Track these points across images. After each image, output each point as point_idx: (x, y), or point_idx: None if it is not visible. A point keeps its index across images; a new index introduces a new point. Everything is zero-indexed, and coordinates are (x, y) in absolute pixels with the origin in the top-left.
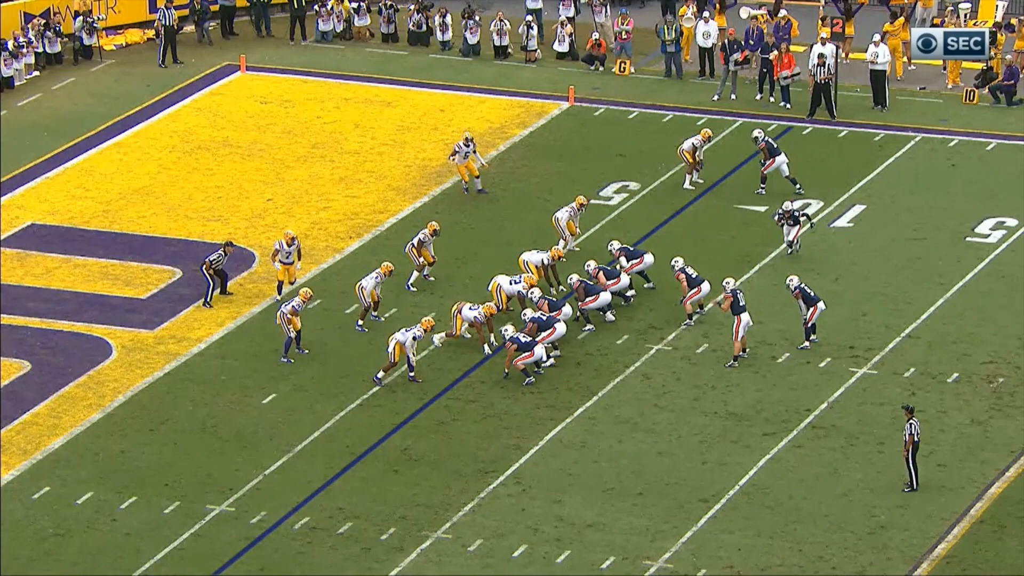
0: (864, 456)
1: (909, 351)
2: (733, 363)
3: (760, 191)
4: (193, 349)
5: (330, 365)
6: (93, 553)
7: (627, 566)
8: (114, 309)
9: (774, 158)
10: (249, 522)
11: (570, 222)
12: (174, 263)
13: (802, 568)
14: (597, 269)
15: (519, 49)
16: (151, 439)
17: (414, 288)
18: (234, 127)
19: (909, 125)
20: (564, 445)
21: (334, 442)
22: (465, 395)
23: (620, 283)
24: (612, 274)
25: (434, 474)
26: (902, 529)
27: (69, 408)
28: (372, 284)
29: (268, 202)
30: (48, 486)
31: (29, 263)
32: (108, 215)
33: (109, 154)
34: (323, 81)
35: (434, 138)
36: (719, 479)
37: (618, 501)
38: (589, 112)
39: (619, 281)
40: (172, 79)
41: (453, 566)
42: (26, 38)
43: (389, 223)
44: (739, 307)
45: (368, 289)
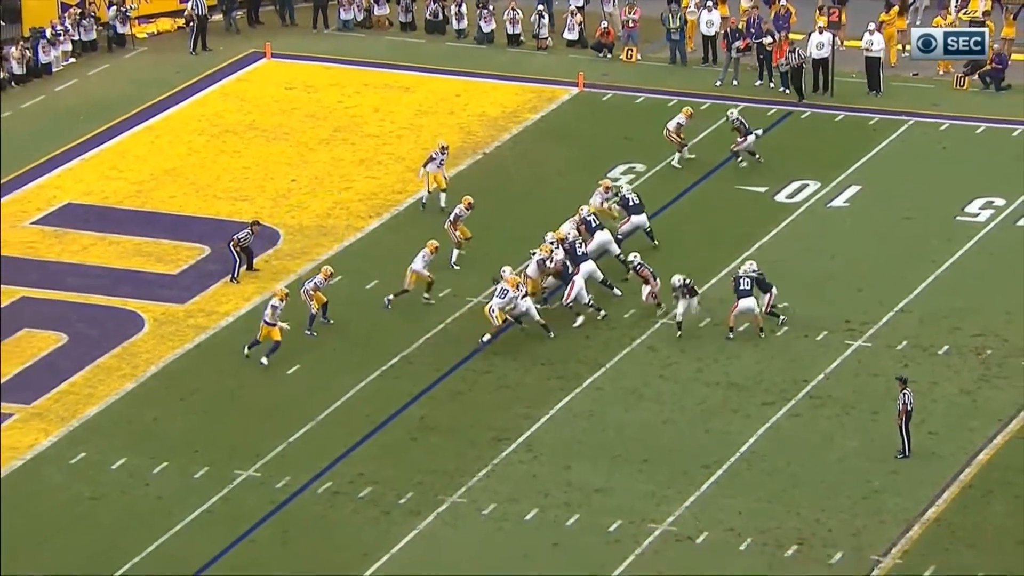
0: (859, 425)
1: (902, 325)
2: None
3: (742, 163)
4: (221, 322)
5: (350, 339)
6: (127, 516)
7: (633, 529)
8: (147, 284)
9: (746, 137)
10: (275, 487)
11: (603, 207)
12: (203, 241)
13: (800, 530)
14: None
15: (531, 37)
16: (182, 408)
17: (457, 266)
18: (260, 111)
19: (902, 109)
20: (573, 414)
21: (355, 411)
22: (479, 367)
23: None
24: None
25: (450, 442)
26: (895, 494)
27: (104, 378)
28: (422, 265)
29: (292, 182)
30: (84, 452)
31: (66, 240)
32: (141, 195)
33: (141, 137)
34: (344, 68)
35: (450, 122)
36: (720, 446)
37: (624, 467)
38: (597, 97)
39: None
40: (201, 66)
41: (468, 529)
42: (63, 26)
43: (407, 203)
44: (741, 291)
45: (418, 270)
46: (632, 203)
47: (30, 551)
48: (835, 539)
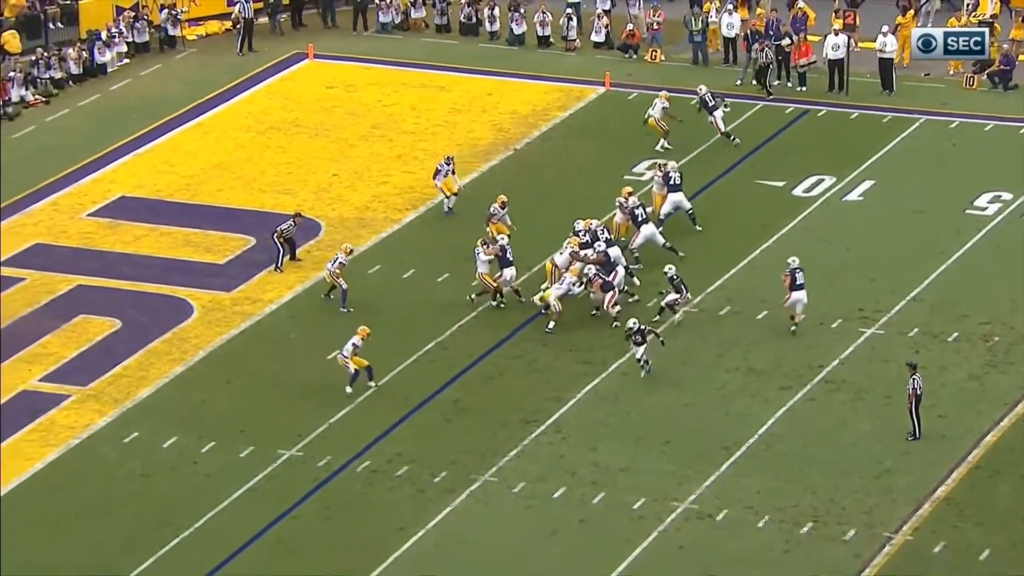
0: (872, 408)
1: (913, 313)
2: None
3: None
4: (266, 309)
5: (388, 325)
6: (177, 492)
7: (656, 507)
8: (195, 273)
9: (712, 113)
10: (316, 465)
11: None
12: (249, 232)
13: (815, 508)
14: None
15: (560, 39)
16: (228, 390)
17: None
18: (303, 109)
19: (914, 108)
20: (599, 397)
21: (392, 394)
22: (511, 352)
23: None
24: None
25: (482, 423)
26: (906, 474)
27: (155, 362)
28: (499, 271)
29: (333, 177)
30: (137, 432)
31: (120, 231)
32: (190, 188)
33: (191, 133)
34: (383, 68)
35: (483, 119)
36: (739, 429)
37: (648, 448)
38: (623, 96)
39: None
40: (247, 66)
41: (499, 506)
42: (118, 29)
43: (441, 197)
44: (796, 285)
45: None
46: (673, 182)
47: (87, 525)
48: (849, 517)
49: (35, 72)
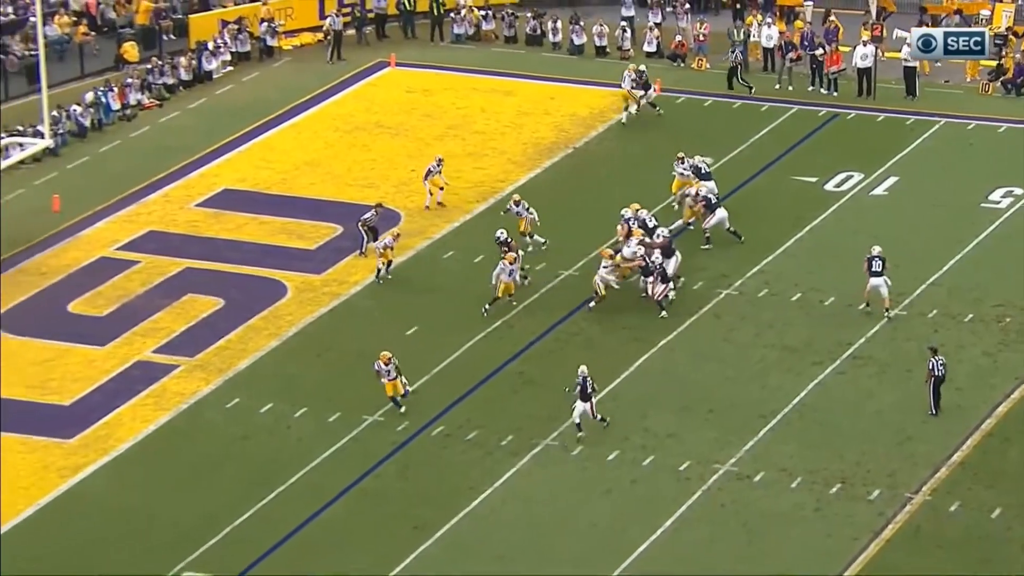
0: (895, 382)
1: (933, 296)
2: (887, 314)
3: (659, 112)
4: (352, 290)
5: (459, 305)
6: (273, 453)
7: (700, 469)
8: (289, 257)
9: (646, 91)
10: (396, 429)
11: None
12: (337, 221)
13: (843, 471)
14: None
15: (615, 48)
16: (318, 362)
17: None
18: (385, 112)
19: (935, 111)
20: (649, 371)
21: (464, 367)
22: (570, 330)
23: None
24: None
25: (544, 393)
26: (925, 441)
27: (254, 336)
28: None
29: (412, 172)
30: (238, 399)
31: (223, 220)
32: (285, 182)
33: (286, 133)
34: (457, 74)
35: (546, 121)
36: (775, 400)
37: (693, 417)
38: (672, 100)
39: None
40: (336, 73)
41: (558, 467)
42: (223, 40)
43: (509, 189)
44: (873, 272)
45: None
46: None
47: (195, 481)
48: (873, 479)
49: (150, 78)
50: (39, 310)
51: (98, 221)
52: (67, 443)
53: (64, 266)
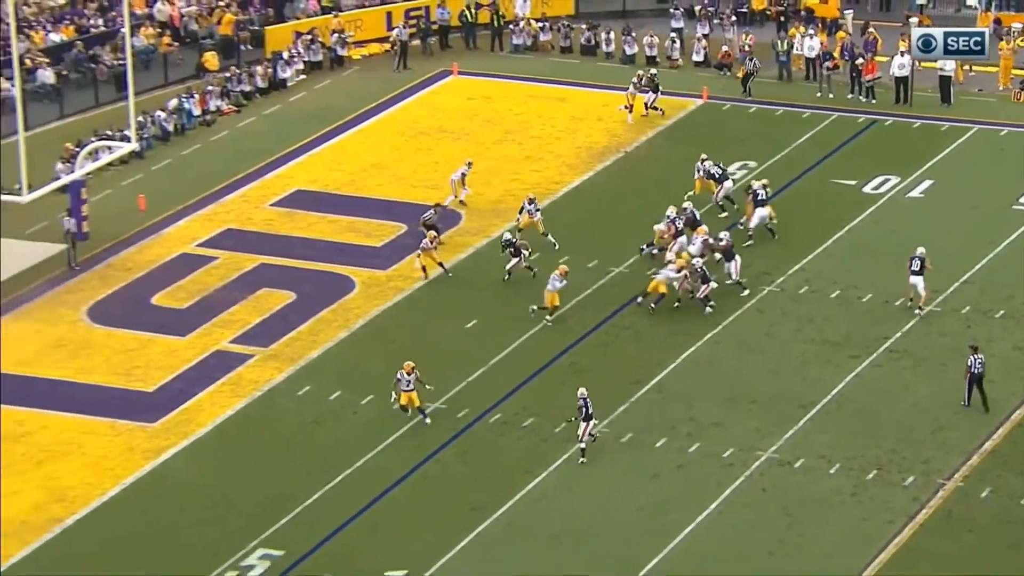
0: (929, 375)
1: (965, 293)
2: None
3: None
4: (415, 285)
5: (515, 300)
6: (340, 437)
7: (743, 455)
8: (357, 254)
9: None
10: (456, 416)
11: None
12: (402, 220)
13: (879, 458)
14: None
15: (665, 58)
16: (384, 353)
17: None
18: (447, 117)
19: (969, 118)
20: (695, 363)
21: (520, 358)
22: (620, 323)
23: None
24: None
25: (595, 383)
26: (958, 430)
27: (324, 328)
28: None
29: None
30: (309, 386)
31: (296, 219)
32: (354, 183)
33: (355, 137)
34: (515, 83)
35: (598, 126)
36: (815, 391)
37: (736, 407)
38: (718, 107)
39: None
40: (402, 81)
41: (609, 453)
42: (296, 50)
43: (563, 191)
44: (913, 271)
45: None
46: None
47: (269, 464)
48: (908, 465)
49: (229, 86)
50: (125, 303)
51: (180, 219)
52: (150, 427)
53: (148, 261)
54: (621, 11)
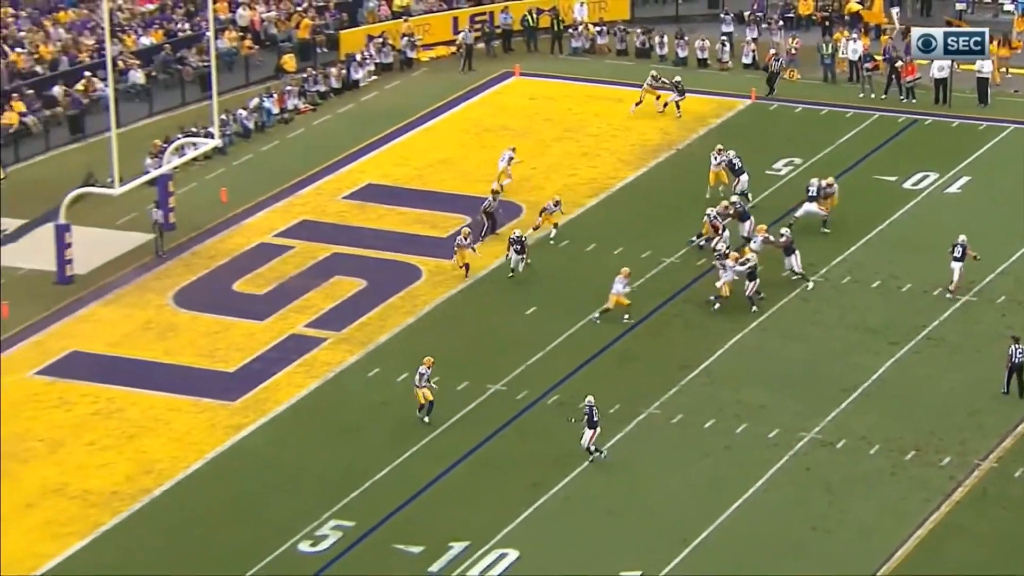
0: (966, 361)
1: (1001, 284)
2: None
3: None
4: (479, 274)
5: (573, 289)
6: (407, 417)
7: (787, 436)
8: (424, 244)
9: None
10: (516, 397)
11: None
12: (466, 213)
13: (917, 440)
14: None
15: (716, 61)
16: (448, 337)
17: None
18: (510, 116)
19: (1005, 118)
20: (743, 349)
21: (576, 344)
22: (671, 312)
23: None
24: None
25: (647, 368)
26: (992, 413)
27: (392, 314)
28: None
29: (532, 169)
30: (378, 368)
31: (367, 211)
32: (421, 178)
33: (423, 135)
34: (574, 83)
35: (652, 125)
36: (856, 375)
37: (781, 390)
38: (766, 107)
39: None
40: (467, 81)
41: (660, 433)
42: (368, 53)
43: (618, 186)
44: (955, 258)
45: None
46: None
47: (340, 440)
48: (945, 447)
49: (306, 86)
50: (208, 289)
51: (259, 211)
52: (231, 405)
53: (229, 250)
54: (674, 16)
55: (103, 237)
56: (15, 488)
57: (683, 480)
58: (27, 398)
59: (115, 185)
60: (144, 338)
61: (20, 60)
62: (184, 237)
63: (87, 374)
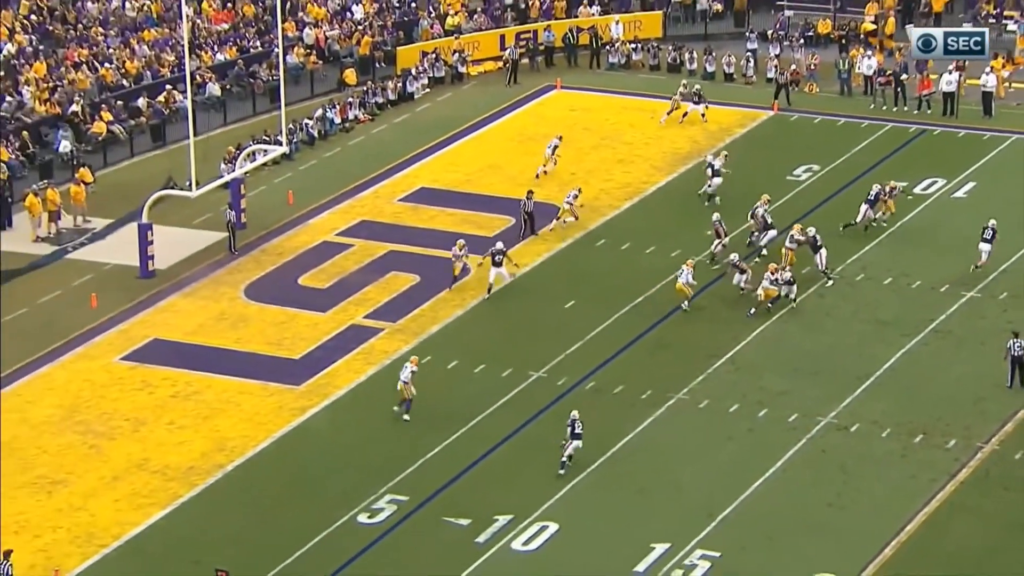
0: (971, 352)
1: (1003, 281)
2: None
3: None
4: (523, 270)
5: (609, 285)
6: (456, 400)
7: (805, 420)
8: (473, 243)
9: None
10: (556, 383)
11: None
12: (511, 214)
13: (924, 424)
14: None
15: (741, 75)
16: (495, 327)
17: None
18: (552, 125)
19: (1008, 128)
20: (765, 340)
21: (612, 334)
22: (700, 304)
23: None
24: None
25: (677, 357)
26: (995, 401)
27: (443, 306)
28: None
29: (572, 175)
30: (430, 356)
31: (420, 212)
32: (470, 182)
33: (472, 142)
34: (610, 96)
35: (682, 134)
36: (870, 365)
37: (800, 378)
38: (787, 118)
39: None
40: (513, 94)
41: (688, 417)
42: (422, 67)
43: (651, 190)
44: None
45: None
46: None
47: (396, 422)
48: (951, 431)
49: (365, 98)
50: (276, 283)
51: (322, 212)
52: (296, 389)
53: (295, 248)
54: (703, 34)
55: (181, 236)
56: (104, 462)
57: (709, 461)
58: (113, 381)
59: (192, 188)
60: (218, 327)
61: (108, 74)
62: (254, 236)
63: (167, 360)
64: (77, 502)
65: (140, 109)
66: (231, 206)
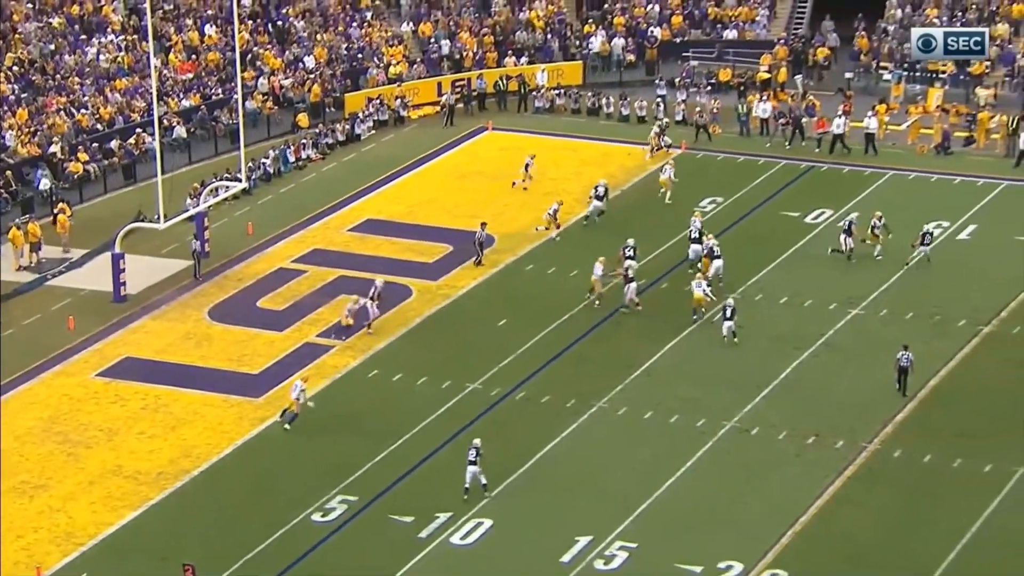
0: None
1: (883, 299)
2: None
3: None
4: (459, 292)
5: (538, 305)
6: (402, 410)
7: (712, 424)
8: (413, 268)
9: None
10: (490, 394)
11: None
12: (449, 242)
13: (817, 427)
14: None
15: (652, 118)
16: (436, 345)
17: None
18: (484, 163)
19: (886, 165)
20: (676, 353)
21: (540, 349)
22: (617, 320)
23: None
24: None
25: (598, 369)
26: (877, 406)
27: (387, 325)
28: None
29: (504, 206)
30: (376, 370)
31: (367, 241)
32: (412, 214)
33: (413, 178)
34: (536, 136)
35: (601, 171)
36: (767, 375)
37: (708, 386)
38: (693, 156)
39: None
40: (449, 135)
41: (608, 423)
42: (368, 111)
43: (573, 220)
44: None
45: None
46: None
47: (345, 430)
48: (839, 433)
49: (317, 139)
50: (237, 305)
51: (278, 241)
52: (255, 401)
53: (254, 273)
54: (618, 81)
55: (151, 264)
56: (81, 469)
57: (626, 462)
58: (89, 395)
59: (161, 221)
60: (184, 346)
61: (84, 119)
62: (217, 263)
63: (138, 376)
64: (56, 504)
65: (113, 150)
66: (196, 237)
